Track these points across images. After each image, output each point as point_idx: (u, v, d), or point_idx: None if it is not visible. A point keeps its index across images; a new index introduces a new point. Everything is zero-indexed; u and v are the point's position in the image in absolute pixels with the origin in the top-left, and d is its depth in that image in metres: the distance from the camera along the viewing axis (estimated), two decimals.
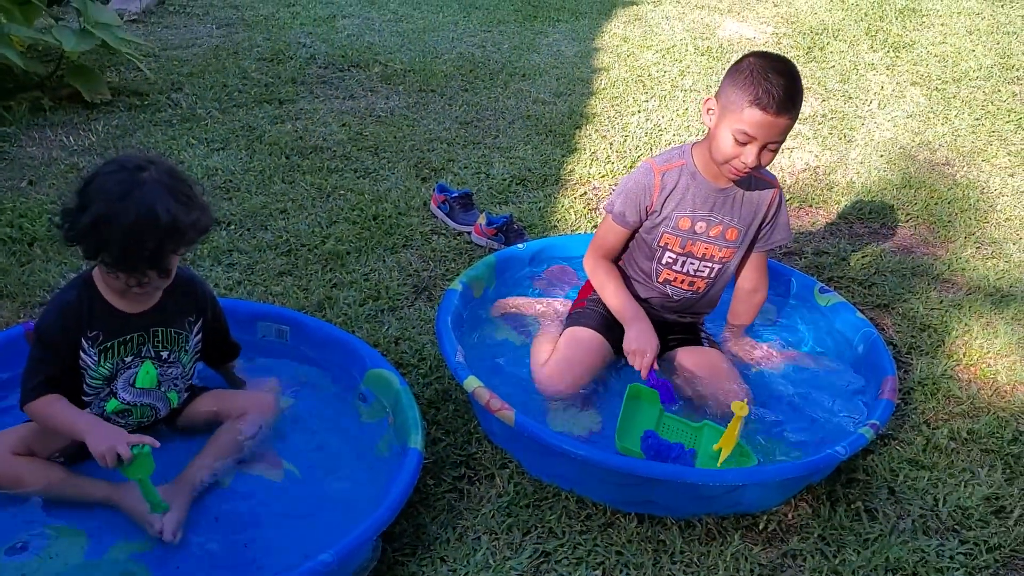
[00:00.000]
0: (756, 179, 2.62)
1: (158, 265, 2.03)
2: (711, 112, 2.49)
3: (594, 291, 2.75)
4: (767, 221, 2.68)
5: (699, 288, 2.69)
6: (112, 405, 2.20)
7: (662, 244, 2.63)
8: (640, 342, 2.53)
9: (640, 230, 2.66)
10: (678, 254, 2.63)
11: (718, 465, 2.31)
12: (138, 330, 2.18)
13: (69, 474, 2.13)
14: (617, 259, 2.77)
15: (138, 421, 2.26)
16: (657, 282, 2.68)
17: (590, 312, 2.71)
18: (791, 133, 4.65)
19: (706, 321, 2.89)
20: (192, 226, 2.05)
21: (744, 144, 2.40)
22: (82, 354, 2.12)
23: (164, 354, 2.24)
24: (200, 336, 2.32)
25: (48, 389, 2.08)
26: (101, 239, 1.98)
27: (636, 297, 2.70)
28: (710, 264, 2.65)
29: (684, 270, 2.65)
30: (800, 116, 4.86)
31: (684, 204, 2.59)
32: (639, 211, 2.61)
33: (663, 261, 2.65)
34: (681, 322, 2.78)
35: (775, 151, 2.44)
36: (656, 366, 2.53)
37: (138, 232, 1.96)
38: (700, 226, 2.60)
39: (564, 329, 2.70)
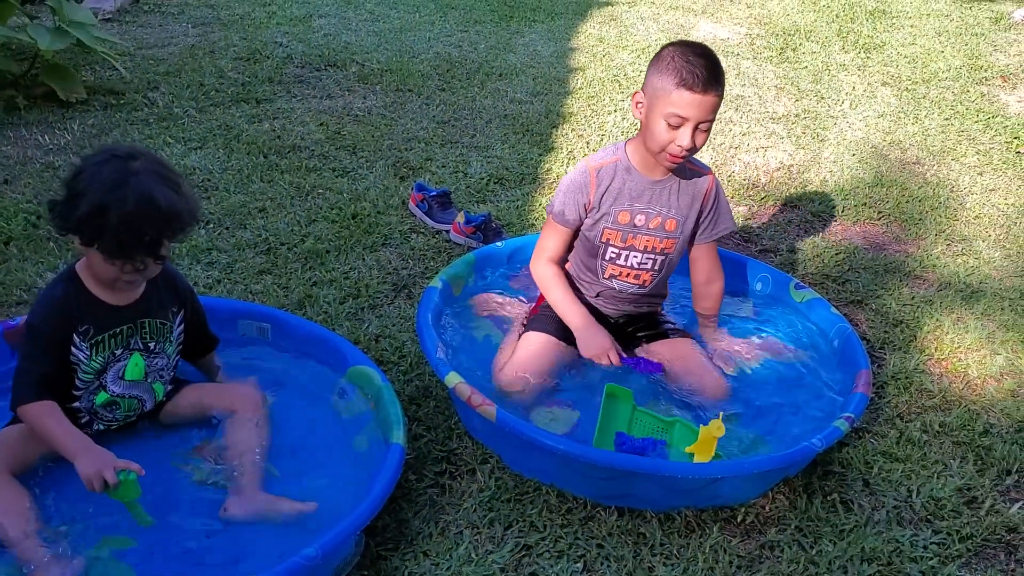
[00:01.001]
0: (690, 170, 2.66)
1: (155, 252, 2.05)
2: (640, 105, 2.55)
3: None
4: (707, 211, 2.71)
5: (645, 281, 2.73)
6: (101, 398, 2.20)
7: (604, 240, 2.67)
8: (595, 345, 2.59)
9: (582, 228, 2.70)
10: (620, 248, 2.67)
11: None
12: (127, 322, 2.19)
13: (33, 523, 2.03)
14: (564, 262, 2.80)
15: (125, 414, 2.27)
16: (603, 278, 2.72)
17: (545, 317, 2.74)
18: (765, 132, 4.75)
19: (677, 317, 2.92)
20: (188, 213, 2.08)
21: (677, 127, 2.45)
22: (74, 349, 2.12)
23: (151, 345, 2.25)
24: (182, 326, 2.34)
25: (43, 390, 2.07)
26: (98, 227, 1.98)
27: (584, 295, 2.75)
28: (653, 256, 2.69)
29: (628, 264, 2.69)
30: (774, 115, 4.98)
31: (622, 198, 2.63)
32: (578, 209, 2.65)
33: (607, 257, 2.69)
34: (639, 312, 2.82)
35: (707, 132, 2.49)
36: (622, 352, 2.59)
37: (137, 219, 1.98)
38: (639, 219, 2.65)
39: (521, 334, 2.73)
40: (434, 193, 3.63)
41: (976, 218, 4.00)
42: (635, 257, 2.68)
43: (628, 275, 2.71)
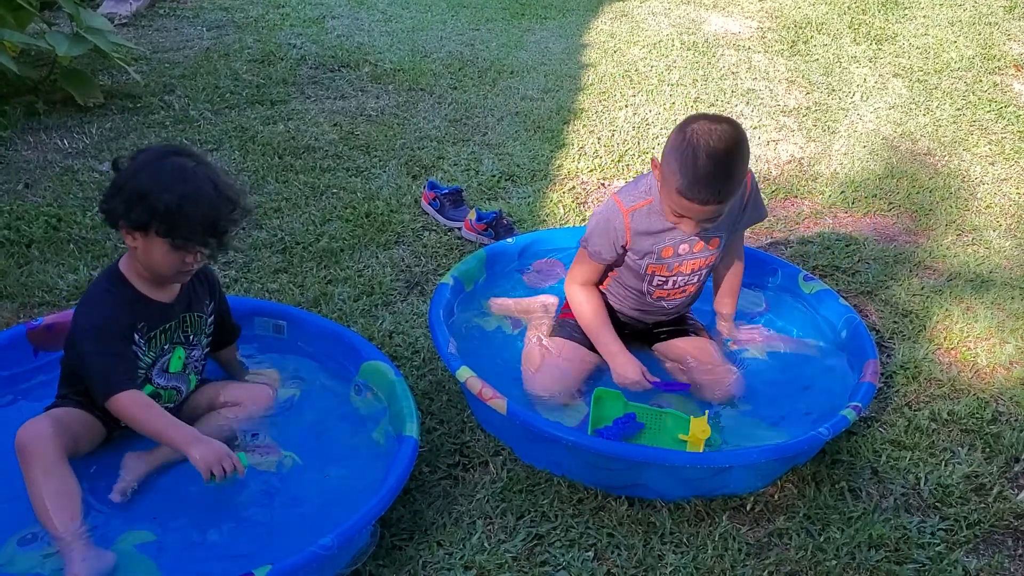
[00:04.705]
0: None
1: (223, 239, 2.16)
2: (658, 169, 2.44)
3: None
4: (744, 208, 2.69)
5: (690, 291, 2.73)
6: (147, 390, 2.27)
7: (649, 272, 2.64)
8: (628, 374, 2.58)
9: (625, 258, 2.66)
10: (667, 276, 2.65)
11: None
12: (174, 318, 2.29)
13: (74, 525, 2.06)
14: (600, 282, 2.79)
15: (164, 405, 2.32)
16: (651, 298, 2.72)
17: (573, 324, 2.75)
18: (776, 125, 4.76)
19: (700, 316, 2.94)
20: (245, 198, 2.22)
21: (680, 217, 2.42)
22: (133, 346, 2.21)
23: (191, 337, 2.34)
24: (212, 317, 2.42)
25: (132, 381, 2.15)
26: (181, 218, 2.06)
27: (627, 311, 2.77)
28: (699, 272, 2.68)
29: (676, 287, 2.69)
30: (785, 108, 5.01)
31: (663, 237, 2.58)
32: (614, 249, 2.61)
33: (654, 283, 2.67)
34: (672, 318, 2.85)
35: (715, 220, 2.45)
36: (652, 377, 2.60)
37: (214, 208, 2.10)
38: (683, 248, 2.61)
39: (554, 335, 2.75)
40: (446, 191, 3.67)
41: (987, 208, 4.00)
42: (682, 279, 2.67)
43: (676, 294, 2.71)
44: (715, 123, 2.32)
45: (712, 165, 2.28)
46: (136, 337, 2.20)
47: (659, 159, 2.44)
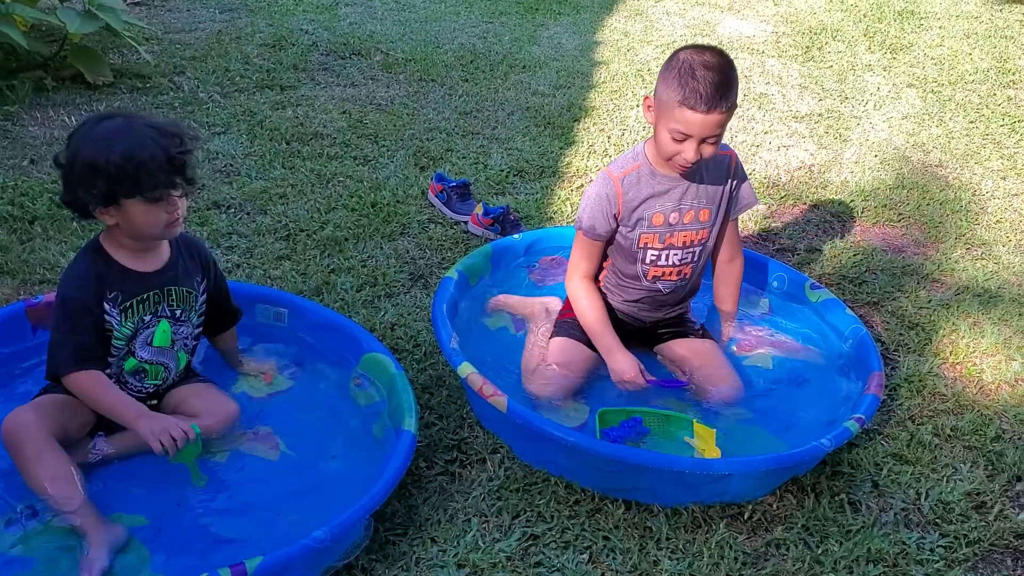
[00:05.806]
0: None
1: (186, 173, 2.12)
2: (651, 109, 2.51)
3: None
4: (732, 189, 2.69)
5: (687, 274, 2.72)
6: (130, 364, 2.25)
7: (642, 245, 2.64)
8: (625, 371, 2.56)
9: (617, 236, 2.67)
10: (660, 249, 2.65)
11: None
12: (154, 288, 2.24)
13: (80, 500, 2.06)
14: (597, 275, 2.78)
15: (153, 382, 2.31)
16: (647, 280, 2.70)
17: (574, 322, 2.73)
18: (788, 131, 4.73)
19: (699, 314, 2.93)
20: (186, 126, 2.21)
21: (682, 141, 2.43)
22: (106, 316, 2.17)
23: (178, 313, 2.31)
24: (205, 296, 2.39)
25: (84, 359, 2.13)
26: (137, 169, 2.03)
27: (624, 302, 2.75)
28: (692, 249, 2.68)
29: (669, 262, 2.68)
30: (797, 114, 4.97)
31: (652, 202, 2.60)
32: (608, 220, 2.62)
33: (647, 260, 2.67)
34: (672, 315, 2.82)
35: (715, 143, 2.46)
36: (650, 376, 2.58)
37: (163, 144, 2.07)
38: (674, 217, 2.62)
39: (554, 335, 2.73)
40: (454, 184, 3.65)
41: (997, 222, 3.97)
42: (675, 255, 2.67)
43: (671, 273, 2.70)
44: (703, 48, 2.45)
45: (710, 73, 2.36)
46: (107, 307, 2.17)
47: (650, 97, 2.51)
